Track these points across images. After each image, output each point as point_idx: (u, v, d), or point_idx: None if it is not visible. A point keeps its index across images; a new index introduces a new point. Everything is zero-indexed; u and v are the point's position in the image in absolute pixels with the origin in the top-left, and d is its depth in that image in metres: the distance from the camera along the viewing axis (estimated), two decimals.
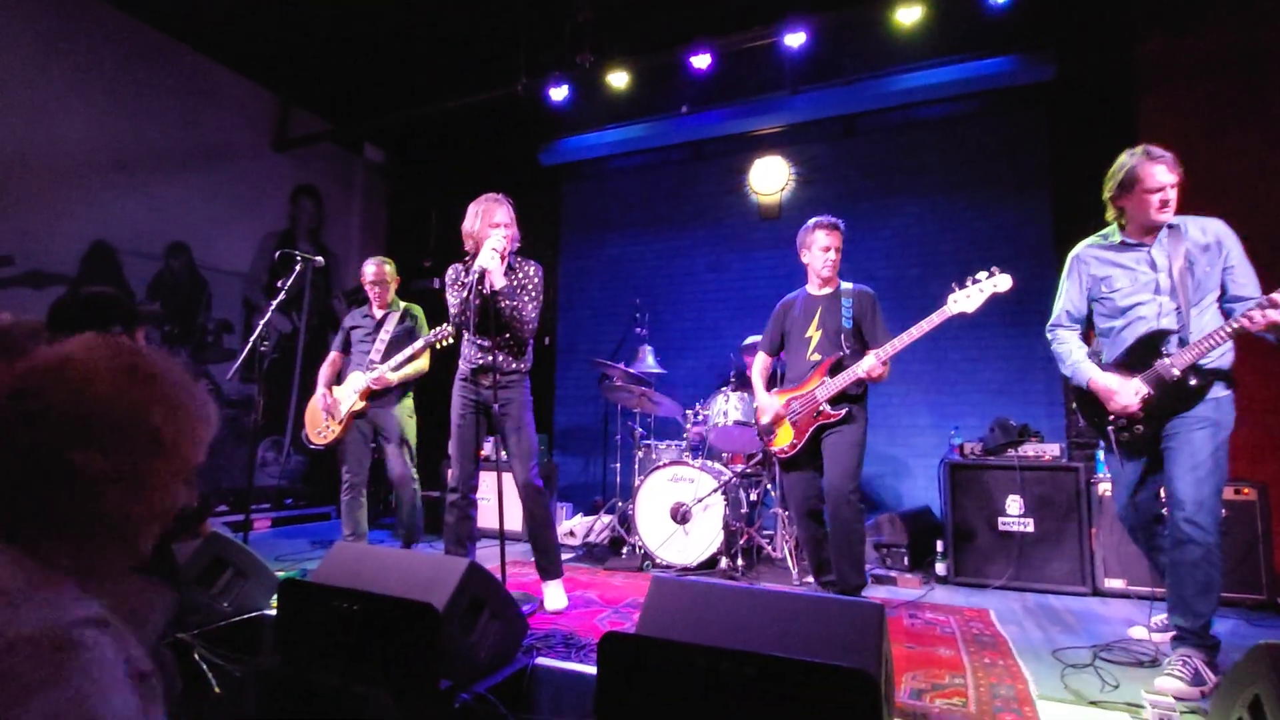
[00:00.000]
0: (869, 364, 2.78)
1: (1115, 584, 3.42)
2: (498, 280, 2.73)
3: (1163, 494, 2.45)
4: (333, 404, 3.56)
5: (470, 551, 2.97)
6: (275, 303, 3.43)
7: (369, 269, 3.73)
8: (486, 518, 4.76)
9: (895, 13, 4.14)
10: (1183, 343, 2.30)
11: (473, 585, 2.03)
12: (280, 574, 3.39)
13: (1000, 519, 3.63)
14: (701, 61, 4.64)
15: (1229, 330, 2.19)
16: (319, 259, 3.72)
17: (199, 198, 5.24)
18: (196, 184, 5.23)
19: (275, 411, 5.40)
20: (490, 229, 2.81)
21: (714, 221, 5.68)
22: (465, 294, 2.75)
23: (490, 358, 2.85)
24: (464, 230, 2.90)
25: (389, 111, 5.79)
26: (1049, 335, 2.67)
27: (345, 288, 6.43)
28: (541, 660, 2.18)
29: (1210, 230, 2.36)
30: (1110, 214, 2.52)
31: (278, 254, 3.58)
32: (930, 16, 4.15)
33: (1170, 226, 2.39)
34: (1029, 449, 3.69)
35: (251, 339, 3.38)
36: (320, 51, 5.50)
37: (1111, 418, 2.44)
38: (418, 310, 3.84)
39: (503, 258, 2.84)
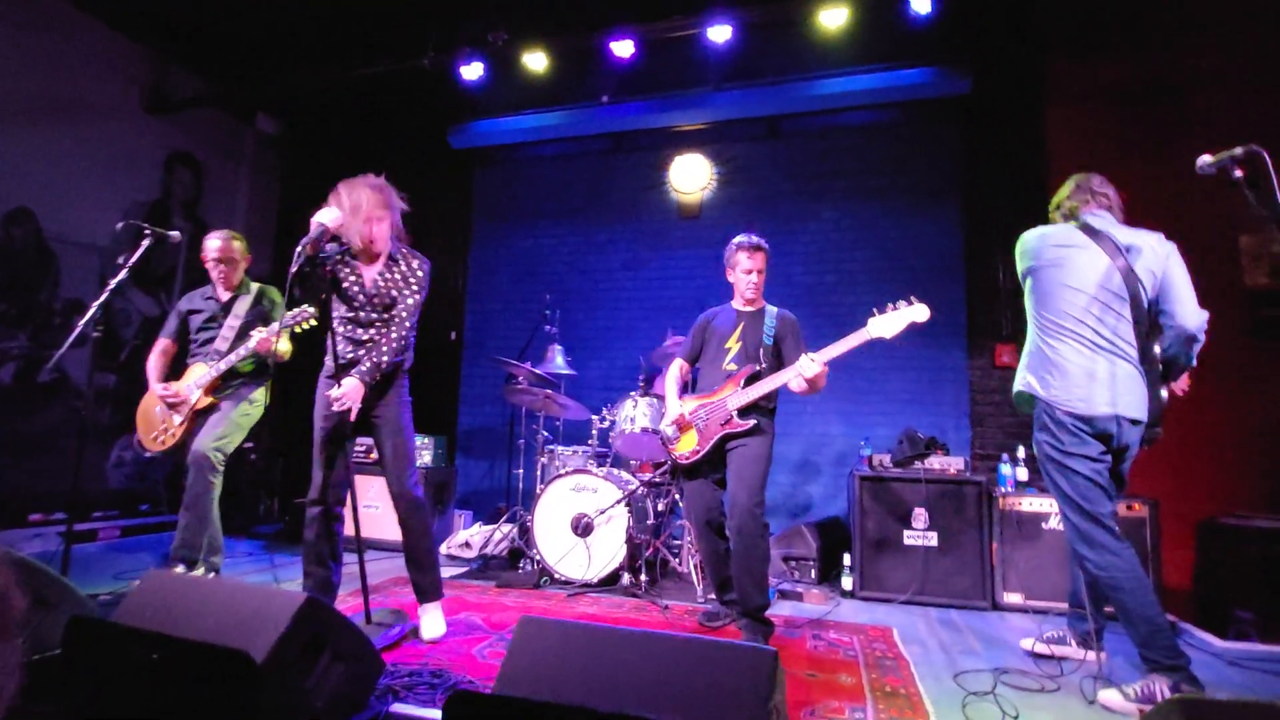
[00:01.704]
0: (803, 363, 2.65)
1: (1013, 598, 3.42)
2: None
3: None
4: (176, 399, 3.05)
5: (334, 572, 2.60)
6: (115, 282, 2.92)
7: (212, 244, 3.20)
8: (375, 528, 4.37)
9: (819, 14, 4.07)
10: None
11: (309, 623, 1.71)
12: (107, 597, 2.93)
13: (906, 532, 3.58)
14: (623, 49, 4.44)
15: None
16: (174, 234, 3.11)
17: (49, 158, 4.55)
18: (46, 143, 4.54)
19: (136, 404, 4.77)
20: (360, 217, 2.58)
21: (632, 218, 5.45)
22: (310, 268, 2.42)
23: (361, 352, 2.53)
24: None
25: (283, 77, 5.26)
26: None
27: None
28: (397, 707, 1.88)
29: None
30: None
31: (120, 225, 3.04)
32: (854, 23, 4.13)
33: None
34: (935, 461, 3.67)
35: (80, 322, 2.88)
36: (205, 6, 4.92)
37: None
38: (275, 293, 3.32)
39: (376, 248, 2.56)
